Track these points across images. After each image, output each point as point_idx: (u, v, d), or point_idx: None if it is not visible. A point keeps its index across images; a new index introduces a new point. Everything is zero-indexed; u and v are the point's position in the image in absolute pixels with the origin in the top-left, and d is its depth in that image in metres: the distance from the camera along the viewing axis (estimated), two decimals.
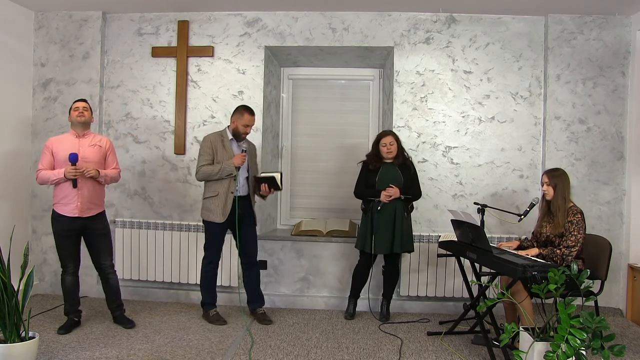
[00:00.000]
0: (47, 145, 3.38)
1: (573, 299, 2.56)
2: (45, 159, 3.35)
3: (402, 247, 3.70)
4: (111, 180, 3.51)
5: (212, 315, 3.71)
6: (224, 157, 3.56)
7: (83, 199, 3.32)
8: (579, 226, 3.07)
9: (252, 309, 3.81)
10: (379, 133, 3.87)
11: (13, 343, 2.62)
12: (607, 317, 2.98)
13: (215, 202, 3.57)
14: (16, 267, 2.78)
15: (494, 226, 4.04)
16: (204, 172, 3.56)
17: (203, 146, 3.62)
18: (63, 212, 3.33)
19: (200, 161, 3.59)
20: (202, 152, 3.60)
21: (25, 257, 2.82)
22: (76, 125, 3.40)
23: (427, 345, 3.33)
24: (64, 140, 3.40)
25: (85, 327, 3.50)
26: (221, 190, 3.56)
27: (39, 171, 3.35)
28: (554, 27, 4.07)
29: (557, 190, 3.17)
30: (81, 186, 3.31)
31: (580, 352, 2.37)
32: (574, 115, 4.08)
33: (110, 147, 3.54)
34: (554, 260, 3.06)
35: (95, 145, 3.43)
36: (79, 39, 4.30)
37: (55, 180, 3.29)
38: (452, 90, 4.18)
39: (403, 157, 3.78)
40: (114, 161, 3.54)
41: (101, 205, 3.49)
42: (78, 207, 3.32)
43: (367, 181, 3.78)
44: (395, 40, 4.20)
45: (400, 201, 3.70)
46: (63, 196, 3.32)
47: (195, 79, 4.31)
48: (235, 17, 4.28)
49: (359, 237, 3.84)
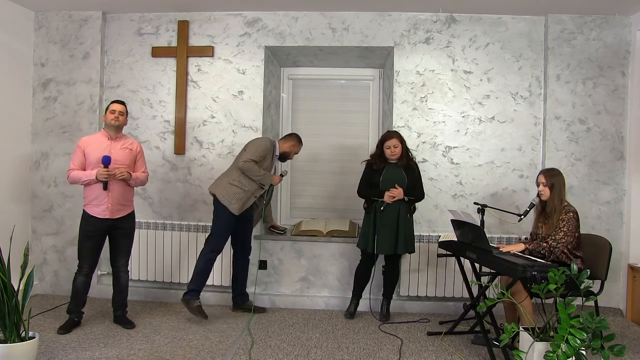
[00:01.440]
0: (79, 145, 3.38)
1: (573, 299, 2.56)
2: (77, 159, 3.36)
3: (405, 248, 3.71)
4: (140, 183, 3.54)
5: (196, 307, 3.60)
6: (267, 166, 3.75)
7: (113, 201, 3.35)
8: (570, 223, 3.08)
9: (242, 302, 3.94)
10: (383, 134, 3.84)
11: (13, 343, 2.62)
12: (607, 317, 2.97)
13: (240, 195, 3.65)
14: (16, 267, 2.78)
15: (494, 226, 4.04)
16: (249, 168, 3.63)
17: (263, 146, 3.71)
18: (94, 213, 3.35)
19: (253, 156, 3.64)
20: (259, 150, 3.68)
21: (25, 257, 2.82)
22: (110, 128, 3.42)
23: (427, 345, 3.33)
24: (96, 141, 3.41)
25: (85, 327, 3.50)
26: (250, 188, 3.68)
27: (71, 170, 3.36)
28: (554, 27, 4.07)
29: (554, 191, 3.18)
30: (111, 188, 3.33)
31: (580, 352, 2.37)
32: (574, 115, 4.08)
33: (141, 151, 3.57)
34: (540, 253, 3.07)
35: (126, 148, 3.45)
36: (79, 39, 4.30)
37: (86, 181, 3.31)
38: (452, 90, 4.18)
39: (407, 159, 3.77)
40: (143, 165, 3.57)
41: (130, 205, 3.53)
42: (109, 209, 3.35)
43: (371, 181, 3.78)
44: (395, 40, 4.20)
45: (403, 202, 3.70)
46: (94, 197, 3.34)
47: (195, 79, 4.31)
48: (235, 17, 4.28)
49: (361, 237, 3.83)
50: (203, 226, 4.19)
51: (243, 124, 4.27)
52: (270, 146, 3.75)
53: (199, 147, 4.30)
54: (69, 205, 4.28)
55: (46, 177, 4.31)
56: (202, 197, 4.27)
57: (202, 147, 4.29)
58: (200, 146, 4.30)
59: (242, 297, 3.94)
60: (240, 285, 3.93)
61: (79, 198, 4.03)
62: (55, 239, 4.32)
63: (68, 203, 4.28)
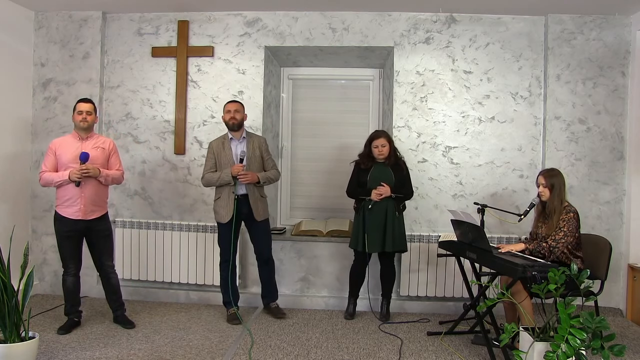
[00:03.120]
0: (50, 147, 3.38)
1: (573, 299, 2.56)
2: (49, 161, 3.35)
3: (393, 246, 3.70)
4: (113, 181, 3.50)
5: (229, 315, 3.75)
6: (223, 159, 3.67)
7: (86, 202, 3.33)
8: (570, 223, 3.08)
9: (265, 304, 3.92)
10: (371, 133, 3.84)
11: (13, 343, 2.62)
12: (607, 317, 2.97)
13: (220, 204, 3.68)
14: (16, 267, 2.78)
15: (494, 226, 4.04)
16: (206, 180, 3.73)
17: (207, 153, 3.78)
18: (66, 215, 3.33)
19: (205, 168, 3.75)
20: (206, 159, 3.77)
21: (25, 257, 2.82)
22: (79, 129, 3.40)
23: (427, 345, 3.33)
24: (66, 142, 3.40)
25: (85, 327, 3.50)
26: (224, 192, 3.67)
27: (42, 173, 3.34)
28: (554, 27, 4.07)
29: (554, 191, 3.17)
30: (84, 188, 3.30)
31: (580, 352, 2.37)
32: (574, 115, 4.08)
33: (114, 149, 3.54)
34: (541, 253, 3.07)
35: (98, 147, 3.42)
36: (79, 39, 4.30)
37: (58, 182, 3.29)
38: (452, 90, 4.18)
39: (395, 158, 3.79)
40: (116, 162, 3.53)
41: (104, 207, 3.49)
42: (81, 210, 3.32)
43: (359, 180, 3.79)
44: (395, 40, 4.20)
45: (391, 200, 3.71)
46: (66, 198, 3.32)
47: (195, 79, 4.31)
48: (235, 17, 4.28)
49: (352, 236, 3.85)
50: (203, 226, 4.19)
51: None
52: (212, 145, 3.74)
53: (199, 147, 4.30)
54: None
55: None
56: (202, 197, 4.27)
57: (202, 147, 4.29)
58: (200, 146, 4.30)
59: (264, 300, 3.93)
60: (263, 289, 3.91)
61: None
62: (55, 239, 4.28)
63: None
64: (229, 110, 3.68)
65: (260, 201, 3.73)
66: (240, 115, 3.70)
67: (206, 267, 4.19)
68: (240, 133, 3.74)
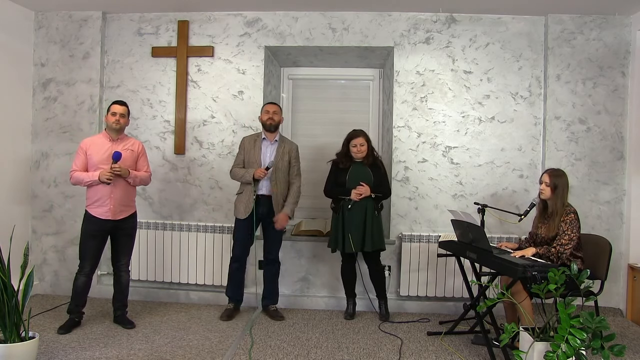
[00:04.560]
0: (81, 147, 3.40)
1: (573, 299, 2.56)
2: (79, 160, 3.37)
3: (373, 245, 3.70)
4: (141, 182, 3.54)
5: (224, 310, 3.83)
6: (252, 157, 3.74)
7: (115, 202, 3.37)
8: (573, 225, 3.07)
9: (264, 305, 3.92)
10: (349, 132, 3.83)
11: (13, 343, 2.62)
12: (607, 317, 2.98)
13: (241, 199, 3.75)
14: (16, 267, 2.78)
15: (494, 226, 4.04)
16: (234, 173, 3.81)
17: (239, 147, 3.87)
18: (96, 214, 3.36)
19: (235, 161, 3.85)
20: (237, 154, 3.88)
21: (25, 257, 2.82)
22: (111, 130, 3.43)
23: (427, 345, 3.33)
24: (97, 142, 3.42)
25: (85, 327, 3.50)
26: (246, 188, 3.73)
27: (73, 172, 3.37)
28: (554, 27, 4.07)
29: (557, 192, 3.15)
30: (113, 189, 3.34)
31: (580, 352, 2.37)
32: (574, 115, 4.08)
33: (142, 151, 3.58)
34: (549, 258, 3.06)
35: (128, 149, 3.45)
36: (79, 39, 4.30)
37: (88, 182, 3.32)
38: (452, 90, 4.18)
39: (373, 157, 3.80)
40: (144, 164, 3.58)
41: (133, 206, 3.55)
42: (111, 210, 3.36)
43: (337, 180, 3.80)
44: (395, 40, 4.20)
45: (370, 199, 3.72)
46: (96, 198, 3.35)
47: (195, 79, 4.31)
48: (235, 17, 4.28)
49: (332, 237, 3.84)
50: (203, 226, 4.19)
51: (243, 124, 4.27)
52: (244, 140, 3.82)
53: (199, 147, 4.30)
54: (69, 206, 4.28)
55: (46, 177, 4.31)
56: (202, 197, 4.28)
57: (202, 147, 4.29)
58: (200, 146, 4.30)
59: (264, 301, 3.92)
60: (264, 290, 3.91)
61: (79, 198, 4.04)
62: (55, 239, 4.32)
63: (68, 203, 4.28)
64: (267, 111, 3.75)
65: (281, 205, 3.78)
66: (278, 117, 3.77)
67: (206, 267, 4.19)
68: (274, 135, 3.79)
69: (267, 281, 3.89)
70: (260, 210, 3.71)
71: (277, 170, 3.72)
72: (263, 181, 3.70)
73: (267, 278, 3.89)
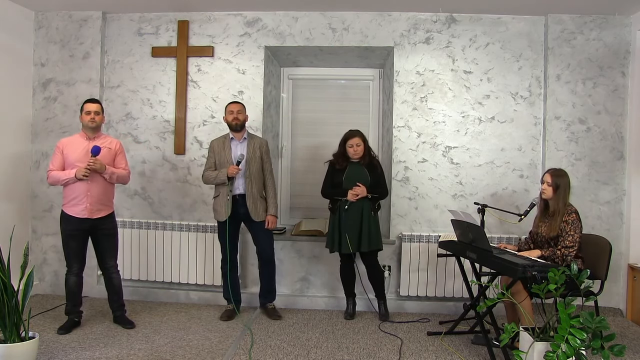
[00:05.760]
0: (58, 146, 3.41)
1: (573, 299, 2.56)
2: (56, 160, 3.37)
3: (369, 246, 3.70)
4: (118, 179, 3.51)
5: (225, 310, 3.85)
6: (223, 159, 3.71)
7: (92, 200, 3.35)
8: (575, 225, 3.07)
9: (262, 304, 3.93)
10: (346, 133, 3.82)
11: (13, 343, 2.62)
12: (607, 317, 2.98)
13: (218, 202, 3.72)
14: (16, 267, 2.78)
15: (494, 226, 4.04)
16: (205, 177, 3.80)
17: (208, 151, 3.85)
18: (72, 213, 3.35)
19: (205, 166, 3.83)
20: (207, 157, 3.82)
21: (25, 257, 2.82)
22: (87, 129, 3.43)
23: (427, 345, 3.33)
24: (74, 141, 3.42)
25: (85, 327, 3.50)
26: (222, 191, 3.71)
27: (50, 171, 3.37)
28: (554, 27, 4.07)
29: (558, 192, 3.15)
30: (90, 187, 3.32)
31: (580, 352, 2.37)
32: (574, 115, 4.08)
33: (120, 149, 3.57)
34: (555, 261, 3.06)
35: (105, 147, 3.44)
36: (79, 39, 4.30)
37: (65, 180, 3.31)
38: (452, 90, 4.18)
39: (370, 157, 3.80)
40: (122, 162, 3.56)
41: (110, 206, 3.52)
42: (87, 209, 3.34)
43: (334, 180, 3.80)
44: (395, 40, 4.20)
45: (367, 200, 3.72)
46: (73, 197, 3.34)
47: (195, 79, 4.31)
48: (235, 17, 4.28)
49: (328, 237, 3.84)
50: (203, 226, 4.19)
51: None
52: (212, 144, 3.80)
53: (199, 147, 4.30)
54: None
55: (46, 177, 4.29)
56: (202, 197, 4.28)
57: (202, 147, 4.29)
58: (200, 146, 4.30)
59: (261, 299, 3.94)
60: (261, 289, 3.93)
61: None
62: (55, 239, 4.30)
63: None
64: (231, 111, 3.71)
65: (259, 201, 3.73)
66: (242, 115, 3.74)
67: (206, 267, 4.19)
68: (241, 134, 3.76)
69: (264, 281, 3.89)
70: (241, 210, 3.68)
71: (250, 166, 3.68)
72: (238, 179, 3.67)
73: (263, 278, 3.88)
